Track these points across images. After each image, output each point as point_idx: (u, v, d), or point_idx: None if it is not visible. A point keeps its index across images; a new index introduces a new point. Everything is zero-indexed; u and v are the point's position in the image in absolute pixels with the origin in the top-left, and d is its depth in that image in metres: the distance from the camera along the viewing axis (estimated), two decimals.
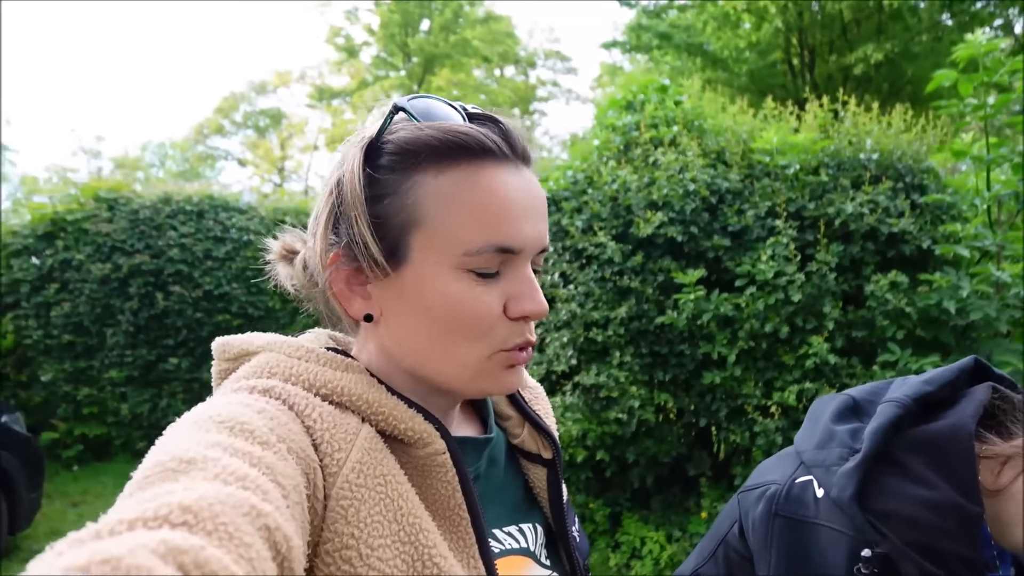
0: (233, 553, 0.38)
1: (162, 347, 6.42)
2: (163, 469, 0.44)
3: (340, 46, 20.38)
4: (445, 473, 0.61)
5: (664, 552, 3.65)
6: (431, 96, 0.65)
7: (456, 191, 0.59)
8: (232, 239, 6.66)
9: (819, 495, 0.88)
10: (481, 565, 0.61)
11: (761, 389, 3.42)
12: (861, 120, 3.87)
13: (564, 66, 23.71)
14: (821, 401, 1.02)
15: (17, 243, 6.15)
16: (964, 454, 0.79)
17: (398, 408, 0.60)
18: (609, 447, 3.69)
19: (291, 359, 0.62)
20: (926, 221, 3.42)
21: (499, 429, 0.77)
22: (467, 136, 0.60)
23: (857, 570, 0.81)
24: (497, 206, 0.60)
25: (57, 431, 6.13)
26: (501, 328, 0.62)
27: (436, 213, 0.59)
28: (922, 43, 11.39)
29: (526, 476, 0.77)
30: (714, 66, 12.93)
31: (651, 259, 3.68)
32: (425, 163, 0.60)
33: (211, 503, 0.39)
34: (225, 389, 0.60)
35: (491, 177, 0.60)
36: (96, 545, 0.34)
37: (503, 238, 0.60)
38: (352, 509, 0.53)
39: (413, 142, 0.60)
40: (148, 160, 27.35)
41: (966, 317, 3.02)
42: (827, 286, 3.32)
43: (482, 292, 0.61)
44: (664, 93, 4.34)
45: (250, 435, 0.50)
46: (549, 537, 0.76)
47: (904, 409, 0.85)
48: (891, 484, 0.82)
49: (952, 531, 0.77)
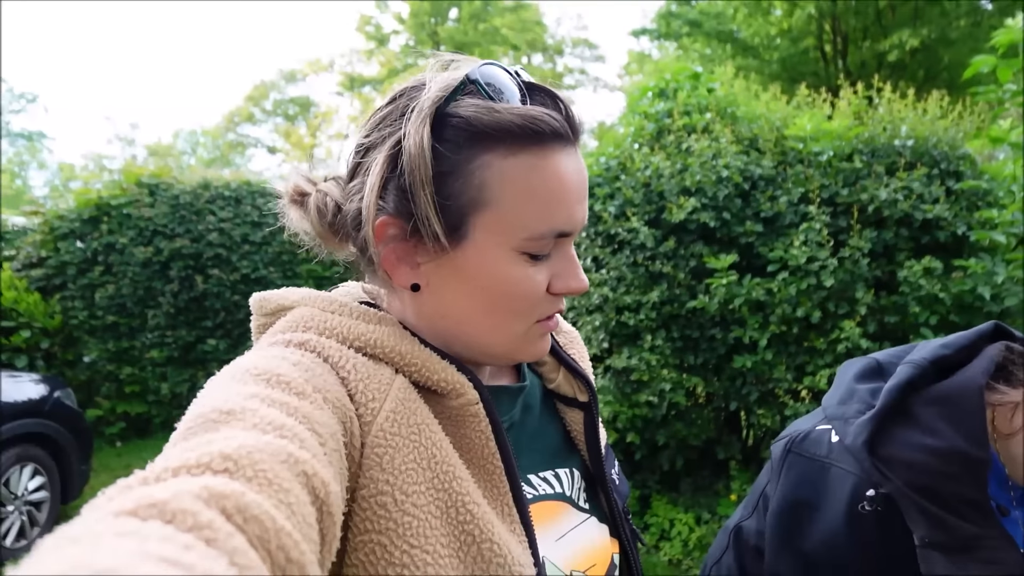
0: (273, 498, 0.39)
1: (201, 328, 6.61)
2: (204, 420, 0.46)
3: (370, 34, 20.52)
4: (478, 423, 0.62)
5: (693, 534, 3.71)
6: (495, 63, 0.63)
7: (526, 177, 0.59)
8: (269, 224, 6.78)
9: (834, 440, 0.95)
10: (515, 512, 0.62)
11: (792, 373, 3.45)
12: (896, 107, 3.86)
13: (592, 54, 23.58)
14: (848, 363, 1.08)
15: (64, 227, 6.36)
16: (973, 405, 0.85)
17: (431, 359, 0.62)
18: (639, 430, 3.75)
19: (325, 313, 0.63)
20: (961, 207, 3.41)
21: (534, 375, 0.78)
22: (543, 123, 0.59)
23: (861, 507, 0.87)
24: (561, 192, 0.61)
25: (101, 408, 6.36)
26: (544, 303, 0.64)
27: (503, 196, 0.59)
28: (960, 28, 11.13)
29: (564, 421, 0.78)
30: (744, 53, 12.77)
31: (683, 244, 3.72)
32: (496, 144, 0.59)
33: (250, 451, 0.41)
34: (262, 343, 0.61)
35: (557, 163, 0.60)
36: (143, 490, 0.35)
37: (563, 223, 0.61)
38: (387, 457, 0.55)
39: (489, 124, 0.59)
40: (180, 147, 27.85)
41: (1001, 303, 3.02)
42: (860, 272, 3.33)
43: (534, 272, 0.62)
44: (697, 80, 4.35)
45: (286, 386, 0.51)
46: (589, 481, 0.76)
47: (920, 370, 0.90)
48: (901, 434, 0.88)
49: (956, 475, 0.83)
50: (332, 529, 0.45)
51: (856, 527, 0.88)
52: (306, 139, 23.15)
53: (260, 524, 0.36)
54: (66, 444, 4.16)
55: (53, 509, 4.15)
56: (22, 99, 24.55)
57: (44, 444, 4.05)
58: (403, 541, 0.53)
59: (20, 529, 3.91)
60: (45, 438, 4.05)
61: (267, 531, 0.37)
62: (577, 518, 0.72)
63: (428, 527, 0.54)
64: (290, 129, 23.78)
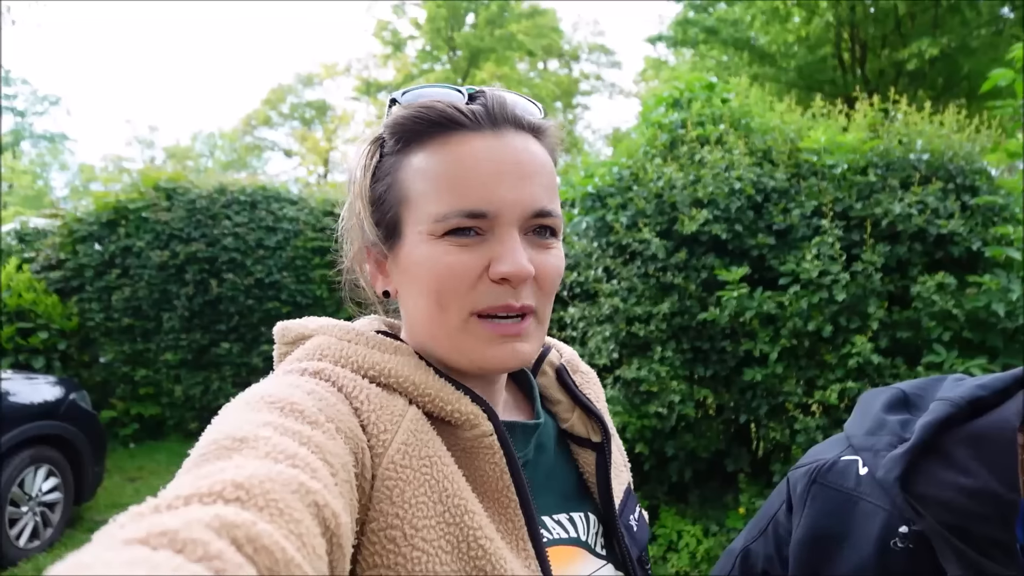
0: (283, 528, 0.39)
1: (215, 332, 6.68)
2: (217, 447, 0.46)
3: (386, 40, 20.66)
4: (493, 455, 0.61)
5: (701, 546, 3.69)
6: (433, 85, 0.67)
7: (427, 163, 0.63)
8: (283, 229, 6.88)
9: (862, 473, 0.94)
10: (531, 547, 0.61)
11: (803, 387, 3.43)
12: (912, 119, 3.83)
13: (608, 60, 23.58)
14: (872, 393, 1.08)
15: (83, 230, 6.46)
16: (1006, 445, 0.85)
17: (444, 390, 0.61)
18: (648, 441, 3.74)
19: (342, 342, 0.64)
20: (976, 223, 3.37)
21: (548, 415, 0.76)
22: (430, 110, 0.63)
23: (894, 543, 0.87)
24: (463, 173, 0.61)
25: (115, 410, 6.43)
26: (478, 291, 0.62)
27: (414, 187, 0.63)
28: (980, 37, 11.01)
29: (577, 463, 0.76)
30: (761, 61, 12.72)
31: (695, 256, 3.71)
32: (407, 147, 0.65)
33: (262, 480, 0.41)
34: (279, 371, 0.62)
35: (459, 146, 0.62)
36: (154, 518, 0.36)
37: (472, 203, 0.61)
38: (397, 490, 0.54)
39: (390, 125, 0.66)
40: (198, 150, 28.15)
41: (1015, 320, 2.99)
42: (872, 286, 3.31)
43: (463, 256, 0.61)
44: (711, 91, 4.35)
45: (300, 415, 0.51)
46: (606, 526, 0.74)
47: (956, 408, 0.90)
48: (934, 471, 0.88)
49: (988, 516, 0.83)
50: (341, 562, 0.45)
51: (886, 563, 0.88)
52: (322, 143, 23.33)
53: (270, 555, 0.36)
54: (80, 446, 4.22)
55: (66, 510, 4.20)
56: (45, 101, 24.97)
57: (59, 446, 4.10)
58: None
59: (34, 529, 3.96)
60: (60, 440, 4.10)
61: (277, 562, 0.37)
62: (593, 564, 0.70)
63: (438, 562, 0.54)
64: (306, 133, 23.98)
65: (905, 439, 0.92)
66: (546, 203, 0.64)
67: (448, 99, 0.64)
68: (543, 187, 0.64)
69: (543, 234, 0.65)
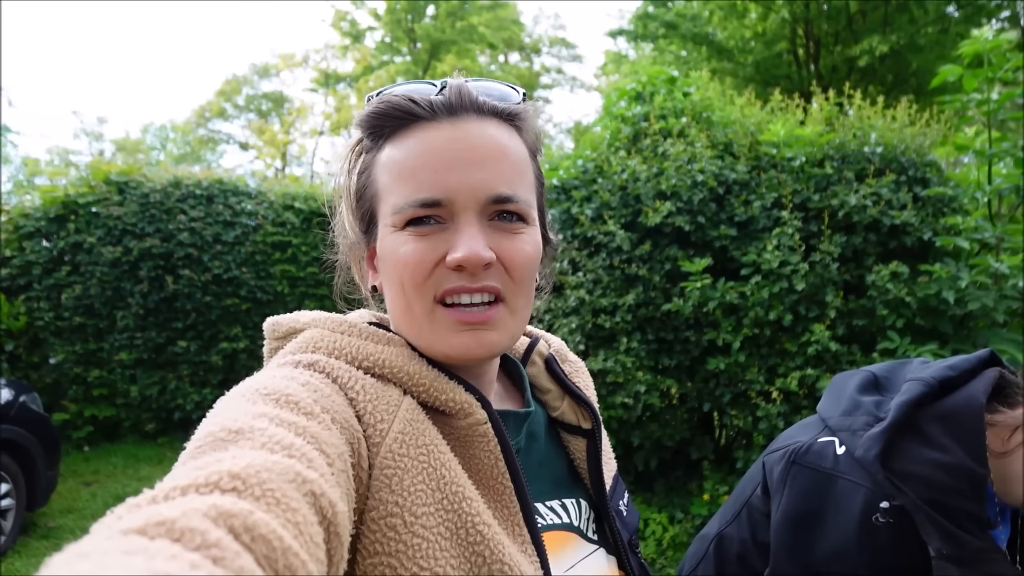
0: (280, 517, 0.39)
1: (171, 330, 6.50)
2: (213, 439, 0.46)
3: (345, 31, 20.33)
4: (487, 443, 0.62)
5: (667, 533, 3.75)
6: (411, 82, 0.68)
7: (390, 156, 0.64)
8: (241, 223, 6.73)
9: (839, 452, 0.98)
10: (526, 532, 0.62)
11: (764, 375, 3.51)
12: (866, 114, 3.93)
13: (569, 53, 23.66)
14: (843, 376, 1.12)
15: (29, 225, 6.21)
16: (975, 422, 0.90)
17: (439, 380, 0.62)
18: (615, 431, 3.78)
19: (335, 334, 0.64)
20: (928, 214, 3.49)
21: (538, 404, 0.78)
22: (388, 104, 0.64)
23: (875, 518, 0.91)
24: (418, 163, 0.62)
25: (68, 412, 6.22)
26: (438, 277, 0.62)
27: (381, 180, 0.65)
28: (928, 35, 11.37)
29: (568, 450, 0.78)
30: (720, 56, 12.91)
31: (659, 248, 3.76)
32: (379, 139, 0.66)
33: (258, 470, 0.41)
34: (272, 364, 0.62)
35: (417, 137, 0.63)
36: (151, 509, 0.36)
37: (424, 191, 0.61)
38: (396, 478, 0.55)
39: (360, 123, 0.67)
40: (149, 143, 27.32)
41: (964, 307, 3.10)
42: (830, 276, 3.40)
43: (423, 246, 0.62)
44: (673, 85, 4.40)
45: (295, 406, 0.51)
46: (597, 512, 0.76)
47: (929, 388, 0.95)
48: (911, 449, 0.92)
49: (963, 490, 0.88)
50: (339, 550, 0.45)
51: (868, 538, 0.91)
52: (279, 136, 22.88)
53: (268, 544, 0.37)
54: (32, 450, 4.07)
55: (19, 517, 4.06)
56: None
57: (9, 450, 3.95)
58: (413, 563, 0.53)
59: None
60: (10, 444, 3.95)
61: (275, 551, 0.37)
62: (585, 549, 0.72)
63: (438, 548, 0.54)
64: (263, 125, 23.48)
65: (881, 418, 0.96)
66: (503, 188, 0.62)
67: (413, 93, 0.65)
68: (502, 172, 0.63)
69: (508, 219, 0.64)
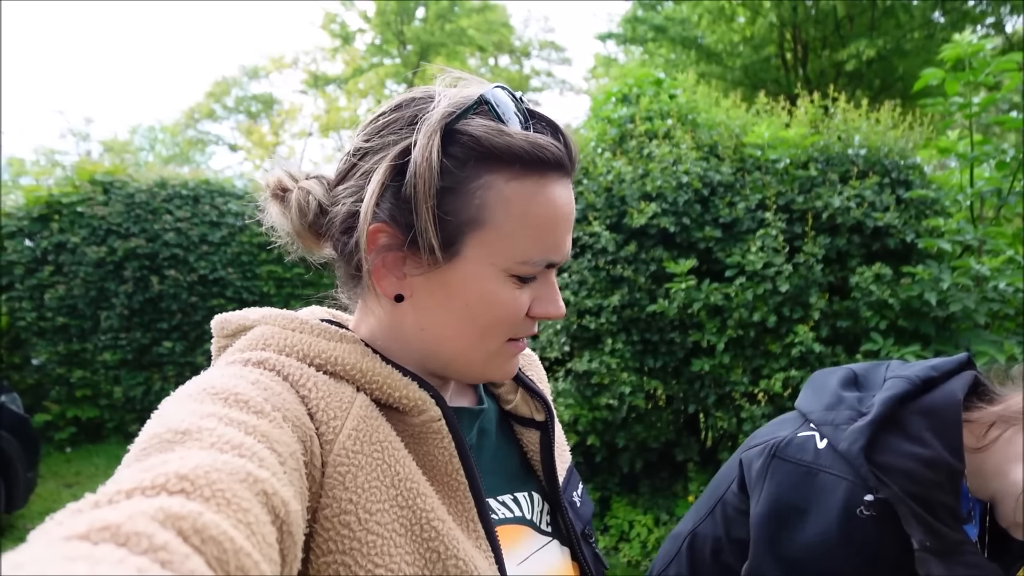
0: (232, 518, 0.38)
1: (156, 331, 6.45)
2: (159, 441, 0.44)
3: (335, 32, 20.26)
4: (441, 440, 0.61)
5: (652, 535, 3.75)
6: (503, 87, 0.64)
7: (526, 202, 0.60)
8: (228, 224, 6.69)
9: (820, 446, 0.99)
10: (481, 529, 0.62)
11: (748, 376, 3.51)
12: (850, 116, 3.96)
13: (559, 56, 23.67)
14: (823, 372, 1.14)
15: (12, 225, 6.15)
16: (954, 418, 0.92)
17: (392, 376, 0.61)
18: (600, 432, 3.77)
19: (285, 331, 0.63)
20: (910, 216, 3.51)
21: (491, 398, 0.78)
22: (548, 151, 0.60)
23: (860, 511, 0.91)
24: (555, 222, 0.62)
25: (50, 413, 6.16)
26: (521, 324, 0.65)
27: (501, 219, 0.60)
28: (914, 40, 11.48)
29: (521, 443, 0.78)
30: (708, 60, 12.97)
31: (644, 249, 3.76)
32: (501, 167, 0.60)
33: (207, 471, 0.40)
34: (220, 363, 0.61)
35: (555, 193, 0.62)
36: (95, 513, 0.34)
37: (554, 254, 0.63)
38: (349, 475, 0.54)
39: (498, 146, 0.59)
40: (138, 143, 27.11)
41: (946, 309, 3.12)
42: (814, 277, 3.41)
43: (520, 294, 0.63)
44: (659, 87, 4.41)
45: (244, 405, 0.50)
46: (551, 504, 0.76)
47: (912, 385, 0.98)
48: (893, 442, 0.93)
49: (941, 483, 0.89)
50: (293, 549, 0.44)
51: (850, 530, 0.91)
52: (268, 137, 22.78)
53: (218, 545, 0.36)
54: (11, 451, 4.02)
55: None
56: None
57: None
58: (368, 560, 0.53)
59: None
60: None
61: (226, 552, 0.36)
62: (539, 542, 0.72)
63: (393, 545, 0.54)
64: (252, 127, 23.36)
65: (863, 413, 0.97)
66: None
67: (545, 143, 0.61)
68: None
69: None
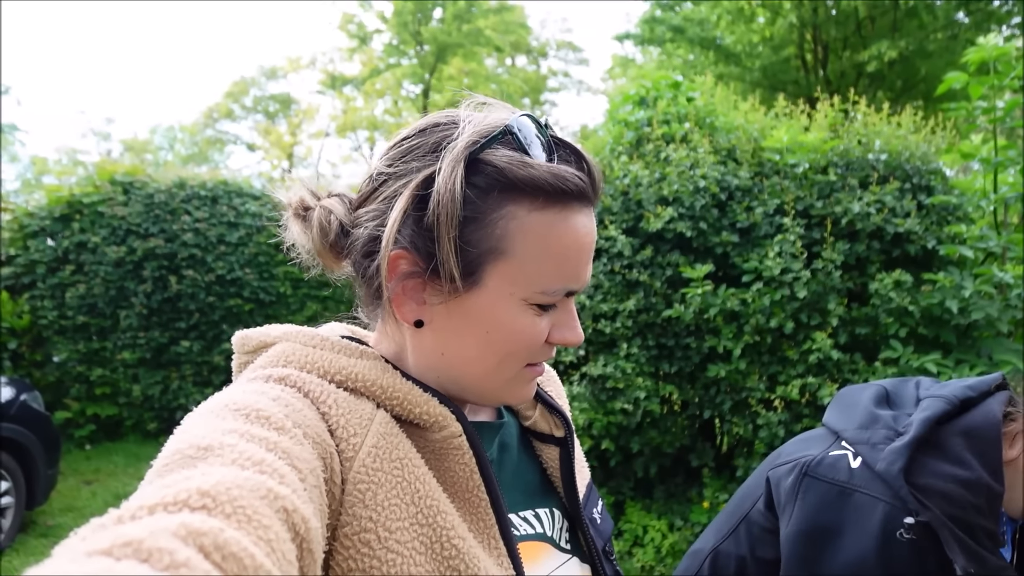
0: (252, 535, 0.38)
1: (174, 330, 6.52)
2: (181, 456, 0.45)
3: (352, 33, 20.36)
4: (462, 456, 0.61)
5: (666, 540, 3.72)
6: (528, 115, 0.63)
7: (547, 233, 0.60)
8: (245, 225, 6.74)
9: (854, 465, 0.97)
10: (502, 546, 0.62)
11: (765, 383, 3.48)
12: (871, 120, 3.91)
13: (576, 57, 23.61)
14: (852, 389, 1.12)
15: (34, 224, 6.24)
16: (994, 438, 0.91)
17: (412, 392, 0.61)
18: (614, 437, 3.76)
19: (306, 348, 0.63)
20: (932, 222, 3.46)
21: (511, 414, 0.78)
22: (571, 183, 0.60)
23: (900, 534, 0.89)
24: (577, 252, 0.62)
25: (70, 411, 6.24)
26: (540, 350, 0.65)
27: (523, 249, 0.60)
28: (937, 41, 11.31)
29: (540, 459, 0.78)
30: (727, 60, 12.87)
31: (660, 253, 3.74)
32: (523, 198, 0.60)
33: (229, 487, 0.40)
34: (242, 379, 0.61)
35: (577, 223, 0.62)
36: (118, 529, 0.35)
37: (574, 282, 0.63)
38: (369, 493, 0.54)
39: (521, 178, 0.59)
40: (157, 143, 27.42)
41: (968, 317, 3.07)
42: (832, 283, 3.37)
43: (539, 322, 0.63)
44: (676, 89, 4.38)
45: (266, 421, 0.51)
46: (570, 520, 0.76)
47: (951, 405, 0.96)
48: (932, 464, 0.91)
49: (981, 506, 0.88)
50: (312, 567, 0.44)
51: (888, 553, 0.90)
52: (286, 137, 22.93)
53: (239, 562, 0.36)
54: (32, 448, 4.08)
55: (18, 515, 4.06)
56: None
57: (9, 449, 3.96)
58: None
59: None
60: (11, 443, 3.96)
61: (246, 568, 0.36)
62: (559, 559, 0.71)
63: (412, 564, 0.54)
64: (270, 127, 23.54)
65: (900, 433, 0.95)
66: None
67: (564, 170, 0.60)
68: None
69: None
